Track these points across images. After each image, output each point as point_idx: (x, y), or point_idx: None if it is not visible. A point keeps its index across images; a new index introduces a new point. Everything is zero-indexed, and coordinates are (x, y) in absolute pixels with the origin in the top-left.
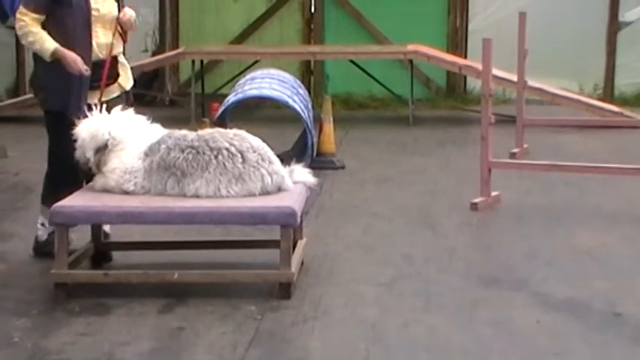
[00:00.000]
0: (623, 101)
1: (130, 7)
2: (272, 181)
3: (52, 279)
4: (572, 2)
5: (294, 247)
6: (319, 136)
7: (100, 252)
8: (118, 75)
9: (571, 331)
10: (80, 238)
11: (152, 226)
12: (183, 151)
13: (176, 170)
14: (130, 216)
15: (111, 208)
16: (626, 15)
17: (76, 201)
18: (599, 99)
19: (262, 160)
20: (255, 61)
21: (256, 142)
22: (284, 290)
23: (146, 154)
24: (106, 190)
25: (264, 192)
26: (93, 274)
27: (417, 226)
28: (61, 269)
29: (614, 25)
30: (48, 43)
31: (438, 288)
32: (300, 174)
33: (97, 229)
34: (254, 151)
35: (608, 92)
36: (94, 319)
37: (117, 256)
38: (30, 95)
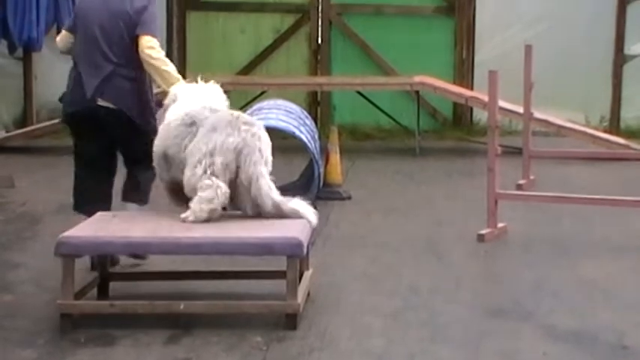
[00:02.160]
0: (630, 133)
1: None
2: (222, 193)
3: (58, 309)
4: (578, 35)
5: (300, 278)
6: (326, 167)
7: (107, 282)
8: None
9: None
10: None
11: (158, 256)
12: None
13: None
14: (137, 246)
15: (117, 239)
16: (632, 48)
17: (82, 231)
18: (605, 131)
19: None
20: (262, 92)
21: (269, 159)
22: (290, 321)
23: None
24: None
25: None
26: (99, 304)
27: (424, 256)
28: (66, 300)
29: (620, 58)
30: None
31: (444, 319)
32: (301, 207)
33: (102, 259)
34: (261, 156)
35: (614, 124)
36: (100, 350)
37: (123, 286)
38: (38, 125)
